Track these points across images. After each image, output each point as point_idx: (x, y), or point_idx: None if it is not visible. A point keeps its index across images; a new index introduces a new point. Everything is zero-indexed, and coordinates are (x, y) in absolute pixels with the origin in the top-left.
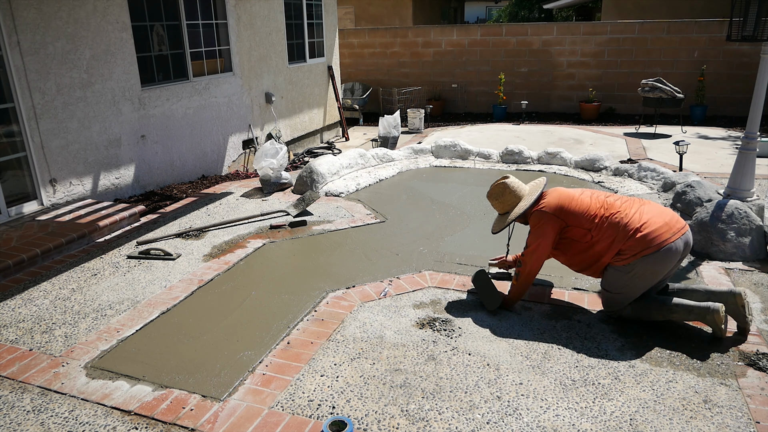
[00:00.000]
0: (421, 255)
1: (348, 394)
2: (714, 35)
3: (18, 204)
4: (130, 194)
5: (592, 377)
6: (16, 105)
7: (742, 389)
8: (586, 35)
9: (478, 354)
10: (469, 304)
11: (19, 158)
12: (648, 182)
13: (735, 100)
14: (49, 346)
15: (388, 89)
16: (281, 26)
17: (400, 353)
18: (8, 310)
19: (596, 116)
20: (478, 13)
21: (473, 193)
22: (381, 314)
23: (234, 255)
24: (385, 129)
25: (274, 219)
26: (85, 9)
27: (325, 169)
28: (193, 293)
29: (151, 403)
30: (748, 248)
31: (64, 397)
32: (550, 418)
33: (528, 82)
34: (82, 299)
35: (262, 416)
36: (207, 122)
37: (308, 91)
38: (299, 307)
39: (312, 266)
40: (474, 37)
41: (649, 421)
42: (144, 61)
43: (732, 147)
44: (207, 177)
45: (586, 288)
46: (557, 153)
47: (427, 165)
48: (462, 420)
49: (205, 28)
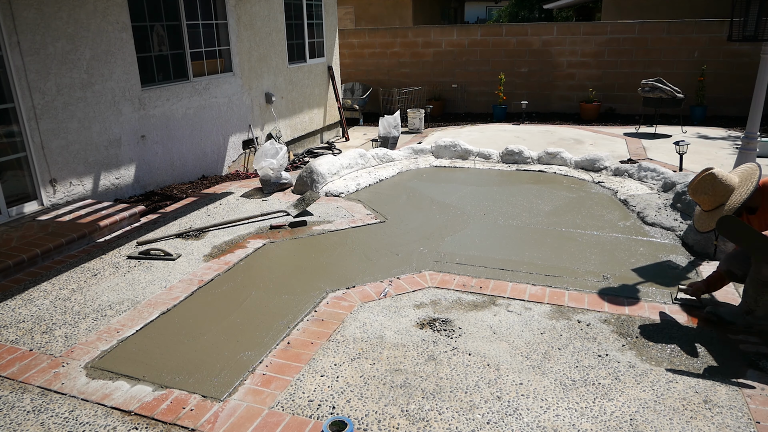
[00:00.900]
0: (421, 255)
1: (348, 394)
2: (714, 35)
3: (18, 204)
4: (130, 194)
5: (593, 377)
6: (16, 105)
7: (742, 389)
8: (586, 35)
9: (478, 354)
10: (469, 304)
11: (20, 158)
12: (648, 182)
13: (735, 100)
14: (50, 346)
15: (388, 89)
16: (281, 26)
17: (400, 353)
18: (8, 310)
19: (596, 116)
20: (478, 13)
21: (473, 193)
22: (381, 314)
23: (234, 255)
24: (385, 129)
25: (274, 219)
26: (86, 9)
27: (325, 169)
28: (194, 293)
29: (151, 403)
30: None
31: (65, 398)
32: (550, 418)
33: (528, 82)
34: (82, 299)
35: (262, 416)
36: (207, 122)
37: (308, 92)
38: (299, 308)
39: (312, 266)
40: (474, 37)
41: (649, 421)
42: (144, 61)
43: (732, 147)
44: (207, 177)
45: (586, 288)
46: (557, 153)
47: (427, 165)
48: (462, 420)
49: (205, 29)
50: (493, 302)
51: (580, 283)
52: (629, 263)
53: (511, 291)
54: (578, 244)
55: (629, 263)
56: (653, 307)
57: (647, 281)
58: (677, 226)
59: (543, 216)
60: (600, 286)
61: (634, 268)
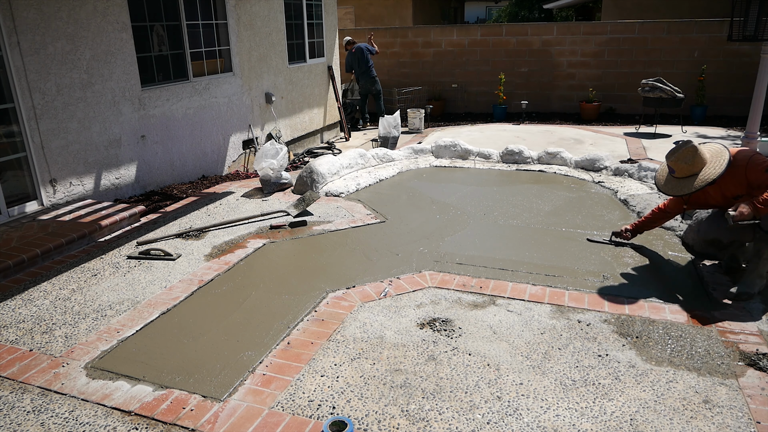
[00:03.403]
0: (421, 255)
1: (348, 394)
2: (714, 35)
3: (18, 204)
4: (130, 194)
5: (593, 377)
6: (16, 105)
7: (742, 389)
8: (586, 35)
9: (479, 354)
10: (469, 304)
11: (19, 158)
12: (648, 182)
13: (735, 100)
14: (50, 346)
15: (388, 89)
16: (281, 26)
17: (401, 353)
18: (8, 310)
19: (596, 116)
20: (478, 13)
21: (473, 193)
22: (381, 314)
23: (234, 255)
24: (385, 129)
25: (275, 219)
26: (85, 9)
27: (325, 169)
28: (194, 293)
29: (151, 403)
30: None
31: (65, 398)
32: (550, 419)
33: (528, 82)
34: (82, 299)
35: (262, 416)
36: (207, 122)
37: (308, 92)
38: (299, 308)
39: (312, 266)
40: (474, 37)
41: (649, 421)
42: (144, 61)
43: (731, 146)
44: (207, 177)
45: (586, 288)
46: (557, 153)
47: (427, 165)
48: (462, 420)
49: (205, 29)
50: (493, 302)
51: (580, 283)
52: (629, 263)
53: (511, 291)
54: (578, 244)
55: (629, 263)
56: (653, 307)
57: (647, 281)
58: (677, 226)
59: (543, 216)
60: (600, 286)
61: (634, 267)
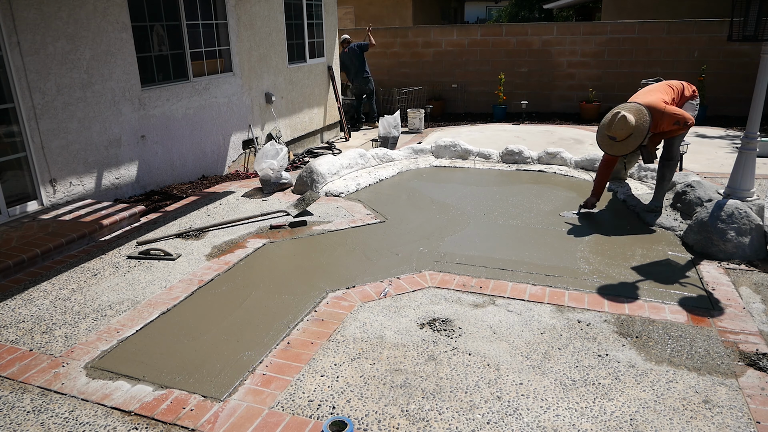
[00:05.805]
0: (421, 255)
1: (348, 394)
2: (714, 35)
3: (18, 204)
4: (130, 194)
5: (593, 377)
6: (16, 105)
7: (742, 389)
8: (586, 35)
9: (479, 354)
10: (469, 304)
11: (19, 158)
12: (648, 182)
13: (735, 100)
14: (50, 346)
15: (388, 89)
16: (281, 26)
17: (401, 353)
18: (8, 310)
19: (596, 116)
20: (478, 13)
21: (473, 193)
22: (381, 314)
23: (234, 255)
24: (385, 129)
25: (275, 219)
26: (85, 9)
27: (325, 169)
28: (194, 293)
29: (151, 403)
30: (749, 248)
31: (65, 398)
32: (550, 419)
33: (528, 82)
34: (82, 299)
35: (262, 416)
36: (207, 122)
37: (308, 91)
38: (299, 308)
39: (312, 266)
40: (474, 37)
41: (649, 421)
42: (144, 61)
43: (732, 147)
44: (207, 177)
45: (586, 288)
46: (557, 153)
47: (427, 165)
48: (462, 420)
49: (205, 29)
50: (493, 302)
51: (580, 283)
52: (629, 263)
53: (511, 291)
54: (578, 244)
55: (629, 263)
56: (653, 307)
57: (647, 281)
58: (677, 226)
59: (543, 216)
60: (600, 285)
61: (634, 267)
